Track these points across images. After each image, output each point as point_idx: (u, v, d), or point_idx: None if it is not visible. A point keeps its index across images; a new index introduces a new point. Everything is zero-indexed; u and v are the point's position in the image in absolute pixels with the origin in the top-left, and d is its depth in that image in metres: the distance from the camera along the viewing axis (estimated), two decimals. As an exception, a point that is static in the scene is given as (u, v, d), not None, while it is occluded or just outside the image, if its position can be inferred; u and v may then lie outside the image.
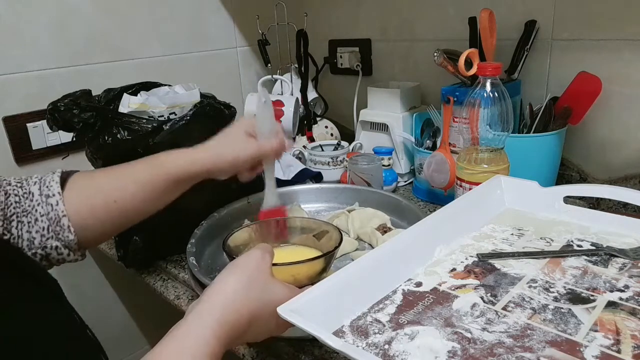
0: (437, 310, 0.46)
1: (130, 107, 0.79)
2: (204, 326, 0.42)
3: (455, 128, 0.90)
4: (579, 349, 0.39)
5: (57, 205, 0.55)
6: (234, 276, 0.46)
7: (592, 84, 0.86)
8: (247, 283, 0.45)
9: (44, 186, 0.57)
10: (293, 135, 1.22)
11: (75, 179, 0.60)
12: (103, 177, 0.62)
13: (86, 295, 1.15)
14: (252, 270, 0.47)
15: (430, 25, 1.14)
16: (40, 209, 0.55)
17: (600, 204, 0.85)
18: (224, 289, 0.45)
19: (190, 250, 0.72)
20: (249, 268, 0.47)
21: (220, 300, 0.44)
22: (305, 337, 0.60)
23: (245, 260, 0.48)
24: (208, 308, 0.43)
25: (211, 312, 0.43)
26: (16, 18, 0.98)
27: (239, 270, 0.47)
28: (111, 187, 0.60)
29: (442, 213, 0.60)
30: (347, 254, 0.77)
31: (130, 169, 0.62)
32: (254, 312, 0.45)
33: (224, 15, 1.31)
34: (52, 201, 0.56)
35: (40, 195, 0.56)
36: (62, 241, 0.56)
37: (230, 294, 0.44)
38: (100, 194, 0.59)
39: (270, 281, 0.47)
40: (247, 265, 0.47)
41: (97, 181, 0.61)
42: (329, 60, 1.38)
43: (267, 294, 0.46)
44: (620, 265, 0.51)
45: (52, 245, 0.56)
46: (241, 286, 0.45)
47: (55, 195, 0.56)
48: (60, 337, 0.42)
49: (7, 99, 0.99)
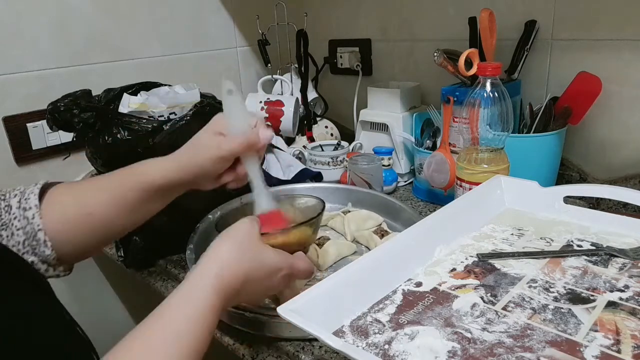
0: (437, 310, 0.46)
1: (130, 107, 0.79)
2: (205, 283, 0.46)
3: (455, 128, 0.90)
4: (579, 349, 0.39)
5: (33, 219, 0.53)
6: (227, 243, 0.50)
7: (592, 84, 0.86)
8: (239, 248, 0.50)
9: (23, 199, 0.55)
10: (293, 135, 1.22)
11: (54, 191, 0.57)
12: (79, 189, 0.60)
13: (86, 295, 1.15)
14: (243, 237, 0.51)
15: (430, 25, 1.14)
16: (17, 223, 0.53)
17: (600, 204, 0.85)
18: (218, 254, 0.49)
19: (190, 257, 0.72)
20: (239, 235, 0.51)
21: (217, 263, 0.48)
22: (305, 337, 0.60)
23: (235, 229, 0.52)
24: (207, 269, 0.47)
25: (210, 272, 0.47)
26: (16, 18, 0.98)
27: (231, 238, 0.51)
28: (86, 198, 0.58)
29: (442, 213, 0.60)
30: (346, 257, 0.76)
31: (106, 180, 0.60)
32: (247, 273, 0.49)
33: (224, 15, 1.31)
34: (28, 214, 0.53)
35: (19, 209, 0.54)
36: (38, 256, 0.54)
37: (225, 258, 0.49)
38: (75, 206, 0.57)
39: (260, 245, 0.52)
40: (237, 233, 0.51)
41: (73, 193, 0.59)
42: (329, 60, 1.38)
43: (258, 256, 0.51)
44: (620, 265, 0.51)
45: (29, 260, 0.53)
46: (234, 250, 0.49)
47: (32, 209, 0.54)
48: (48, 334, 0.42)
49: (7, 99, 0.99)
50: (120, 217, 0.59)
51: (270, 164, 1.08)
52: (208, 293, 0.46)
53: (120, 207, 0.58)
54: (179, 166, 0.59)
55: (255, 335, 0.62)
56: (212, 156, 0.58)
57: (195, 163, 0.58)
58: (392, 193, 1.05)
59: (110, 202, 0.58)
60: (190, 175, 0.59)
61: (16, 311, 0.40)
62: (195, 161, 0.58)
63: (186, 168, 0.59)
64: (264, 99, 1.21)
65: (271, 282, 0.53)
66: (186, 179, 0.59)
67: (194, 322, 0.44)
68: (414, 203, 1.00)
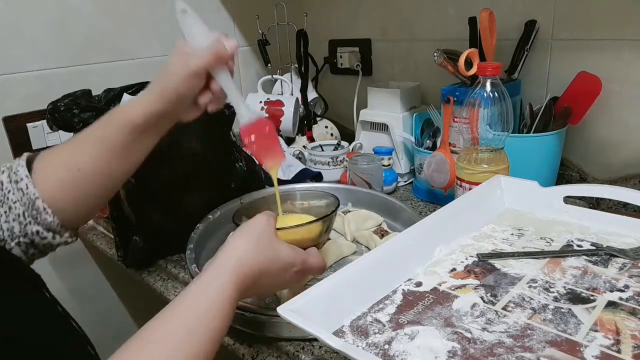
0: (437, 310, 0.46)
1: (130, 107, 0.79)
2: (223, 275, 0.48)
3: (455, 128, 0.90)
4: (579, 349, 0.39)
5: (28, 189, 0.54)
6: (244, 237, 0.52)
7: (592, 84, 0.86)
8: (256, 242, 0.51)
9: (12, 173, 0.55)
10: (293, 135, 1.22)
11: (40, 158, 0.57)
12: (65, 149, 0.59)
13: (86, 295, 1.15)
14: (259, 232, 0.52)
15: (430, 25, 1.14)
16: (12, 196, 0.54)
17: (600, 204, 0.85)
18: (236, 248, 0.51)
19: (190, 257, 0.72)
20: (256, 230, 0.53)
21: (235, 256, 0.50)
22: (305, 337, 0.60)
23: (252, 224, 0.54)
24: (225, 262, 0.49)
25: (228, 265, 0.49)
26: (16, 18, 0.98)
27: (248, 233, 0.52)
28: (73, 155, 0.57)
29: (442, 213, 0.60)
30: (346, 257, 0.76)
31: (88, 131, 0.59)
32: (263, 267, 0.51)
33: (224, 15, 1.31)
34: (21, 186, 0.54)
35: (10, 183, 0.54)
36: (41, 224, 0.54)
37: (242, 252, 0.50)
38: (63, 166, 0.57)
39: (275, 241, 0.53)
40: (254, 228, 0.53)
41: (59, 154, 0.58)
42: (329, 60, 1.38)
43: (273, 251, 0.52)
44: (620, 265, 0.51)
45: (33, 230, 0.54)
46: (251, 245, 0.51)
47: (24, 179, 0.54)
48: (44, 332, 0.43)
49: (7, 99, 0.99)
50: (110, 165, 0.58)
51: (270, 164, 1.08)
52: (226, 285, 0.47)
53: (107, 154, 0.57)
54: (155, 97, 0.57)
55: (255, 335, 0.62)
56: (183, 75, 0.56)
57: (168, 88, 0.57)
58: (392, 193, 1.05)
59: (97, 151, 0.57)
60: (168, 104, 0.57)
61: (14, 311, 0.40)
62: (168, 86, 0.57)
63: (162, 96, 0.57)
64: (264, 99, 1.21)
65: (284, 276, 0.54)
66: (165, 109, 0.57)
67: (214, 311, 0.46)
68: (414, 203, 1.00)
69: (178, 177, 0.80)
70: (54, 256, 0.61)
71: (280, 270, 0.53)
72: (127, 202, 0.78)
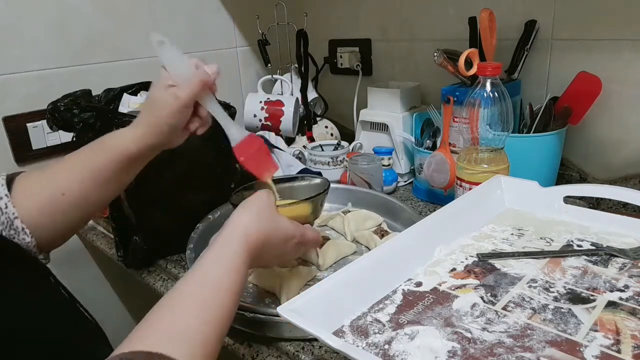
0: (437, 310, 0.46)
1: (130, 107, 0.79)
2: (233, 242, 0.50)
3: (455, 128, 0.90)
4: (579, 349, 0.39)
5: (7, 208, 0.53)
6: (248, 211, 0.54)
7: (592, 84, 0.86)
8: (258, 215, 0.54)
9: None
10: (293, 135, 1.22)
11: (22, 178, 0.57)
12: (49, 172, 0.59)
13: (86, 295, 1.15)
14: (261, 205, 0.55)
15: (430, 25, 1.14)
16: None
17: (600, 204, 0.85)
18: (241, 220, 0.53)
19: (190, 257, 0.72)
20: (258, 204, 0.55)
21: (241, 227, 0.52)
22: (305, 337, 0.60)
23: (254, 199, 0.56)
24: (233, 232, 0.51)
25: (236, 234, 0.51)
26: (16, 18, 0.98)
27: (250, 206, 0.55)
28: (57, 179, 0.58)
29: (442, 213, 0.60)
30: (346, 257, 0.76)
31: (75, 157, 0.59)
32: (267, 237, 0.53)
33: (224, 15, 1.31)
34: (0, 204, 0.53)
35: None
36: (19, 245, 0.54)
37: (247, 222, 0.52)
38: (46, 188, 0.57)
39: (276, 214, 0.56)
40: (256, 202, 0.55)
41: (42, 177, 0.58)
42: (329, 60, 1.38)
43: (275, 222, 0.55)
44: (620, 265, 0.51)
45: None
46: (255, 217, 0.53)
47: (3, 198, 0.53)
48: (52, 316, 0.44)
49: (7, 99, 0.99)
50: (95, 192, 0.59)
51: (270, 164, 1.08)
52: (238, 252, 0.49)
53: (94, 182, 0.58)
54: (148, 130, 0.59)
55: (255, 335, 0.62)
56: (174, 109, 0.58)
57: (161, 122, 0.58)
58: (392, 193, 1.05)
59: (83, 179, 0.58)
60: (160, 136, 0.59)
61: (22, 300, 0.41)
62: (160, 120, 0.58)
63: (154, 130, 0.59)
64: (264, 99, 1.21)
65: (285, 247, 0.57)
66: (157, 141, 0.59)
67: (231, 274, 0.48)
68: (414, 203, 1.00)
69: (178, 177, 0.80)
70: (54, 256, 0.61)
71: (282, 241, 0.56)
72: (127, 202, 0.78)
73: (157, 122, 0.58)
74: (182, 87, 0.58)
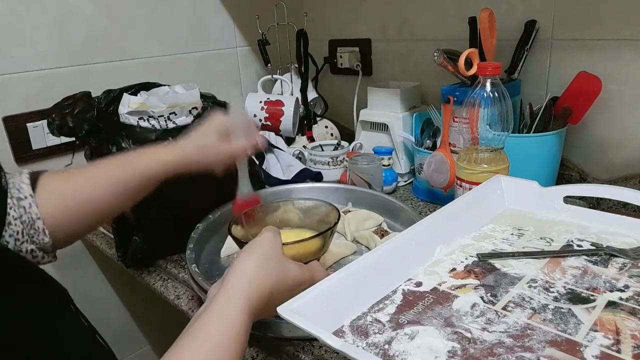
0: (437, 310, 0.46)
1: (130, 106, 0.79)
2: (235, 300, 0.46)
3: (455, 128, 0.90)
4: (579, 349, 0.39)
5: (31, 208, 0.54)
6: (253, 257, 0.50)
7: (592, 84, 0.86)
8: (265, 262, 0.50)
9: (14, 189, 0.54)
10: (293, 135, 1.22)
11: (47, 180, 0.58)
12: (75, 178, 0.61)
13: (86, 295, 1.16)
14: (267, 250, 0.51)
15: (430, 25, 1.14)
16: (12, 212, 0.53)
17: (600, 204, 0.85)
18: (245, 269, 0.49)
19: (190, 257, 0.72)
20: (264, 249, 0.51)
21: (245, 279, 0.48)
22: (305, 337, 0.60)
23: (259, 243, 0.52)
24: (236, 287, 0.47)
25: (239, 289, 0.47)
26: (16, 18, 0.98)
27: (256, 252, 0.51)
28: (84, 187, 0.59)
29: (442, 213, 0.60)
30: (346, 257, 0.76)
31: (103, 169, 0.62)
32: (273, 287, 0.49)
33: (224, 15, 1.31)
34: (24, 204, 0.53)
35: (11, 199, 0.53)
36: (37, 244, 0.54)
37: (252, 273, 0.49)
38: (73, 194, 0.58)
39: (284, 259, 0.53)
40: (262, 246, 0.52)
41: (69, 182, 0.60)
42: (329, 60, 1.38)
43: (282, 270, 0.51)
44: (620, 265, 0.51)
45: (27, 248, 0.54)
46: (260, 265, 0.49)
47: (28, 198, 0.54)
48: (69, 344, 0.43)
49: (7, 99, 0.99)
50: (119, 203, 0.63)
51: (270, 164, 1.08)
52: (239, 314, 0.46)
53: (120, 195, 0.61)
54: (185, 160, 0.64)
55: (256, 335, 0.62)
56: (217, 157, 0.66)
57: (199, 160, 0.65)
58: (392, 193, 1.05)
59: (111, 190, 0.61)
60: (190, 167, 0.65)
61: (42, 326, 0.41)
62: (200, 158, 0.65)
63: (190, 162, 0.64)
64: (264, 99, 1.21)
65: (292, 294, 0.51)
66: (184, 170, 0.64)
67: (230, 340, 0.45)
68: (414, 203, 1.00)
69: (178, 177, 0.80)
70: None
71: (289, 289, 0.52)
72: (127, 202, 0.78)
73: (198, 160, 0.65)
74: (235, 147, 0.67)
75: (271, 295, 0.49)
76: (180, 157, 0.64)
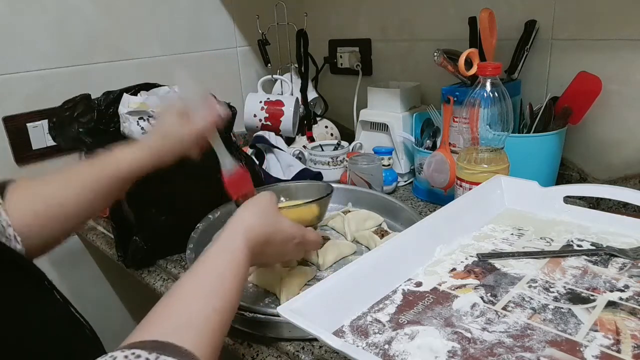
0: (437, 310, 0.46)
1: (130, 106, 0.79)
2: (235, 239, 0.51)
3: (455, 128, 0.90)
4: (579, 349, 0.39)
5: (0, 216, 0.53)
6: (251, 209, 0.55)
7: (592, 83, 0.86)
8: (261, 213, 0.55)
9: None
10: (293, 135, 1.22)
11: (16, 187, 0.57)
12: (45, 183, 0.60)
13: (86, 295, 1.15)
14: (264, 204, 0.57)
15: (430, 25, 1.14)
16: None
17: (600, 204, 0.85)
18: (244, 218, 0.54)
19: (190, 257, 0.72)
20: (261, 203, 0.57)
21: (243, 225, 0.53)
22: (305, 337, 0.60)
23: (257, 199, 0.58)
24: (235, 230, 0.52)
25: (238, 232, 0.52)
26: (16, 18, 0.98)
27: (254, 205, 0.56)
28: (54, 191, 0.59)
29: (442, 213, 0.60)
30: (346, 257, 0.76)
31: (73, 172, 0.61)
32: (268, 235, 0.54)
33: (224, 15, 1.31)
34: None
35: None
36: None
37: (250, 220, 0.54)
38: (43, 199, 0.58)
39: (279, 213, 0.58)
40: (259, 201, 0.57)
41: (39, 187, 0.59)
42: (329, 60, 1.38)
43: (277, 222, 0.56)
44: (620, 265, 0.51)
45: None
46: (257, 216, 0.55)
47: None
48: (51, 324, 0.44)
49: (7, 99, 0.99)
50: (92, 205, 0.62)
51: (270, 164, 1.08)
52: (241, 245, 0.50)
53: (92, 197, 0.61)
54: (153, 154, 0.63)
55: (255, 335, 0.62)
56: (184, 141, 0.64)
57: (168, 149, 0.64)
58: (392, 193, 1.05)
59: (82, 194, 0.60)
60: (162, 159, 0.64)
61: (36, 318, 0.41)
62: (169, 148, 0.64)
63: (159, 154, 0.63)
64: (264, 99, 1.21)
65: (286, 247, 0.58)
66: (155, 164, 0.64)
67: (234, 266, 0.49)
68: (414, 203, 1.00)
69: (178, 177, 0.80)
70: (54, 256, 0.61)
71: (284, 241, 0.57)
72: (127, 202, 0.78)
73: (166, 149, 0.63)
74: (195, 124, 0.63)
75: (266, 242, 0.54)
76: (146, 153, 0.62)
